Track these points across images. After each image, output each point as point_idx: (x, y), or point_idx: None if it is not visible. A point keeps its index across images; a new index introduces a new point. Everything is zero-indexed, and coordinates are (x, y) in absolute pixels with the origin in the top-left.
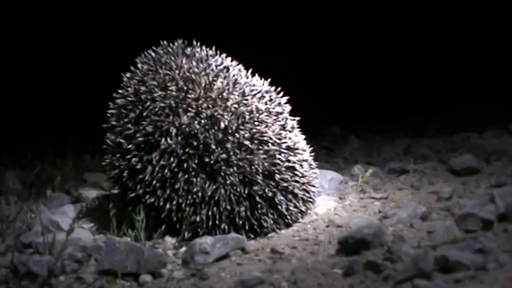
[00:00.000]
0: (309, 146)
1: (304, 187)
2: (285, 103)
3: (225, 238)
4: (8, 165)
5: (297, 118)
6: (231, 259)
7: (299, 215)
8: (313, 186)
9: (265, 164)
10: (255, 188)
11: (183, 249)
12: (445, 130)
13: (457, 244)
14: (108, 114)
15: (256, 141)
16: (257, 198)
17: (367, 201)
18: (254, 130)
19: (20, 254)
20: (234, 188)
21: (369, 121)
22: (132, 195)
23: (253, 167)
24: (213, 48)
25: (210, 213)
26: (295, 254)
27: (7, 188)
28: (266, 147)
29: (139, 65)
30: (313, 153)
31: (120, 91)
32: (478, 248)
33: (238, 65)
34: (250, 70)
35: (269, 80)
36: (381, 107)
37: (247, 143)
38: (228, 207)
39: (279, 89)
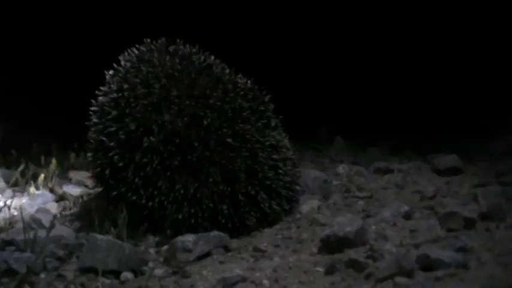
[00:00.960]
0: (293, 145)
1: (287, 186)
2: (269, 101)
3: (208, 236)
4: None
5: (280, 117)
6: (213, 257)
7: (282, 213)
8: (297, 184)
9: (248, 162)
10: (238, 186)
11: (166, 247)
12: (430, 131)
13: (439, 242)
14: (91, 112)
15: (238, 139)
16: (240, 196)
17: (351, 200)
18: (237, 128)
19: (1, 251)
20: (217, 186)
21: (356, 122)
22: (115, 193)
23: (235, 165)
24: (197, 46)
25: (192, 211)
26: (278, 252)
27: None
28: (249, 145)
29: (122, 63)
30: (296, 152)
31: (102, 88)
32: (459, 246)
33: (221, 63)
34: (233, 68)
35: (252, 78)
36: (368, 108)
37: (229, 140)
38: (211, 205)
39: (262, 87)
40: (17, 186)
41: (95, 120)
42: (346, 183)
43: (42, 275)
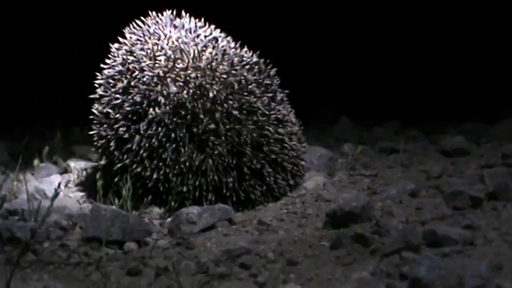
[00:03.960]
0: (298, 120)
1: (293, 160)
2: (274, 75)
3: (212, 208)
4: None
5: (286, 91)
6: (218, 230)
7: (287, 188)
8: (302, 160)
9: (254, 135)
10: (243, 159)
11: (170, 219)
12: (436, 113)
13: (446, 220)
14: (96, 85)
15: (245, 112)
16: (245, 169)
17: (357, 178)
18: (243, 100)
19: (4, 220)
20: (222, 158)
21: (361, 102)
22: (119, 165)
23: (241, 138)
24: (202, 19)
25: (197, 183)
26: (283, 226)
27: None
28: (255, 118)
29: (127, 36)
30: (302, 128)
31: (108, 61)
32: (466, 224)
33: (227, 36)
34: (239, 42)
35: (258, 52)
36: (373, 88)
37: (235, 113)
38: (216, 177)
39: (268, 61)
40: (21, 159)
41: (101, 92)
42: (351, 162)
43: (46, 244)
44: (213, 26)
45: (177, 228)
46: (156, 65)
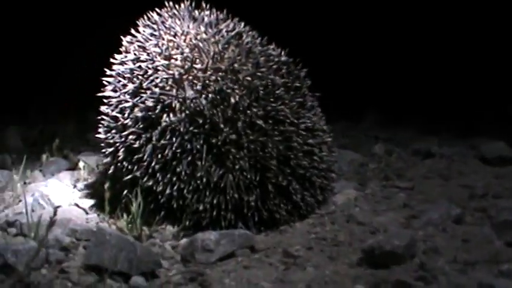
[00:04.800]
0: (328, 126)
1: (322, 174)
2: (305, 77)
3: (232, 234)
4: (9, 122)
5: (317, 94)
6: (237, 259)
7: (316, 205)
8: (333, 172)
9: (281, 148)
10: (268, 174)
11: (184, 240)
12: (470, 111)
13: (501, 265)
14: (105, 83)
15: (270, 121)
16: (269, 186)
17: (391, 191)
18: (269, 108)
19: (2, 232)
20: (244, 174)
21: (390, 95)
22: (129, 176)
23: (266, 151)
24: (224, 11)
25: (215, 201)
26: (311, 258)
27: (7, 146)
28: (282, 128)
29: (140, 29)
30: (332, 134)
31: (117, 57)
32: None
33: (252, 31)
34: (265, 37)
35: (287, 50)
36: (403, 80)
37: (260, 122)
38: (236, 195)
39: (297, 60)
40: (35, 146)
41: (109, 93)
42: (383, 168)
43: (44, 271)
44: (236, 19)
45: (192, 256)
46: (172, 65)
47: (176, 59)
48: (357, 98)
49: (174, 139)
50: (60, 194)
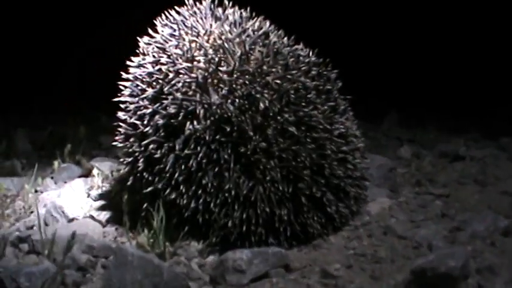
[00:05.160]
0: (360, 130)
1: (357, 183)
2: (336, 79)
3: (265, 253)
4: (16, 124)
5: (349, 97)
6: (272, 280)
7: (349, 216)
8: (366, 179)
9: (314, 156)
10: (301, 185)
11: (210, 258)
12: (493, 109)
13: None
14: (122, 87)
15: (303, 127)
16: (303, 198)
17: (425, 199)
18: (301, 113)
19: (14, 249)
20: (276, 185)
21: (410, 94)
22: (150, 189)
23: (299, 160)
24: (248, 9)
25: (244, 216)
26: (352, 278)
27: (16, 150)
28: (315, 135)
29: (159, 29)
30: (363, 139)
31: (134, 59)
32: None
33: (278, 30)
34: (292, 37)
35: (317, 50)
36: (423, 79)
37: (292, 129)
38: (267, 209)
39: (328, 61)
40: (43, 150)
41: (127, 98)
42: (414, 173)
43: None
44: (261, 17)
45: (222, 277)
46: (195, 67)
47: (199, 61)
48: (375, 97)
49: (198, 148)
50: (74, 204)
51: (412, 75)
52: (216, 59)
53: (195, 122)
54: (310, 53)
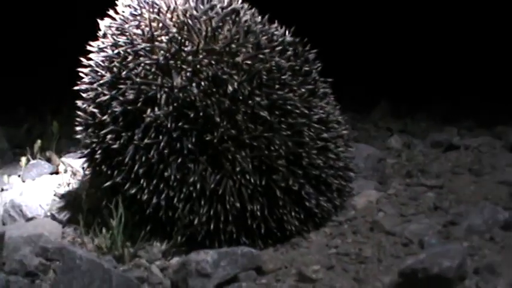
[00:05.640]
0: (343, 116)
1: (340, 173)
2: (314, 60)
3: (234, 254)
4: None
5: (329, 79)
6: (241, 285)
7: (332, 210)
8: (351, 170)
9: (290, 144)
10: (276, 177)
11: (175, 259)
12: (489, 97)
13: None
14: (82, 74)
15: (277, 112)
16: (278, 192)
17: (417, 190)
18: (274, 96)
19: None
20: (247, 177)
21: (401, 83)
22: (108, 183)
23: (273, 149)
24: None
25: (212, 212)
26: (333, 280)
27: None
28: (291, 120)
29: (120, 9)
30: (347, 125)
31: (94, 44)
32: None
33: (251, 8)
34: (267, 15)
35: (293, 29)
36: (414, 67)
37: (264, 114)
38: (237, 204)
39: (305, 40)
40: (20, 147)
41: (85, 85)
42: (404, 163)
43: None
44: None
45: (184, 282)
46: (156, 48)
47: (161, 41)
48: (365, 86)
49: (160, 137)
50: (35, 202)
51: (402, 64)
52: (180, 38)
53: (155, 109)
54: (287, 33)
